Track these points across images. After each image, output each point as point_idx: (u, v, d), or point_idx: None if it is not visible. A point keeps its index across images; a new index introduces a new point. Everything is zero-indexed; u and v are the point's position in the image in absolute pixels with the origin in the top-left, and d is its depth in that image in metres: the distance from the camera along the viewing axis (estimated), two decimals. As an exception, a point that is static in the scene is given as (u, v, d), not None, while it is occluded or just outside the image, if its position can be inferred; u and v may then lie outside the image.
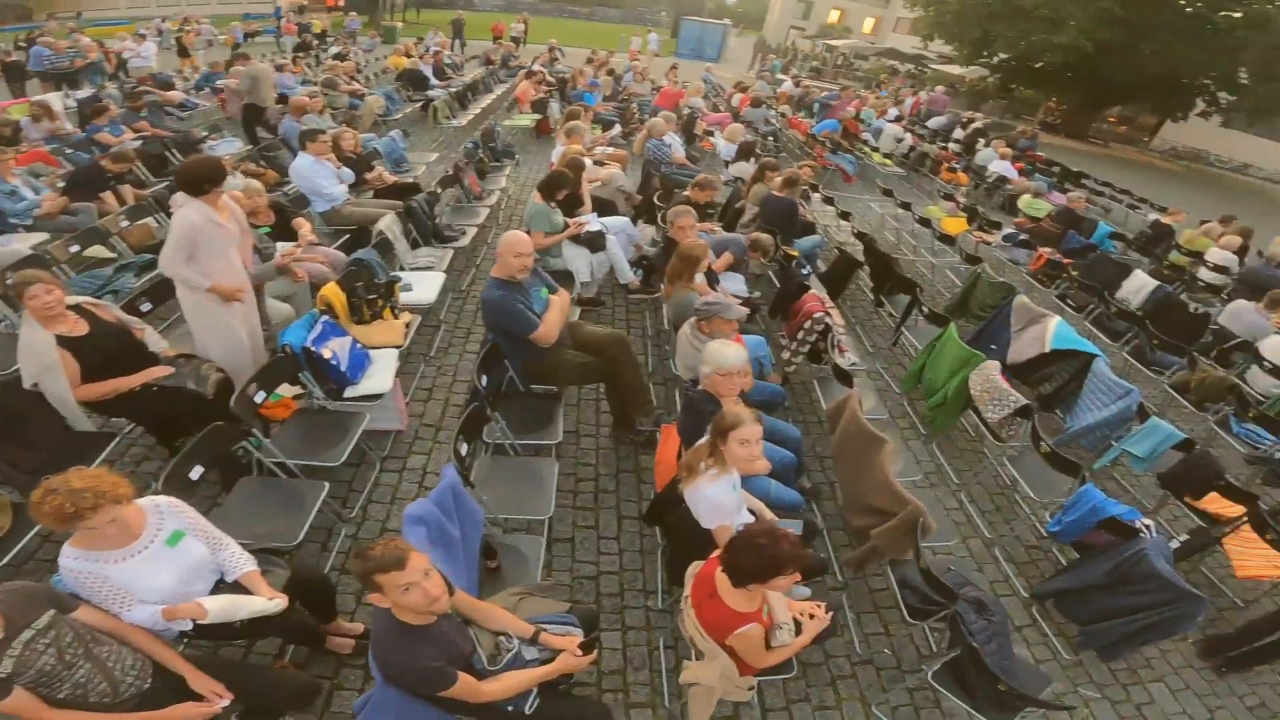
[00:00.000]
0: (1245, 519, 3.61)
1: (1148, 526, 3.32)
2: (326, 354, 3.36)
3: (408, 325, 4.12)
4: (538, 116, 10.01)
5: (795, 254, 5.50)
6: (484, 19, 24.38)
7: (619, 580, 3.23)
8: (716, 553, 2.24)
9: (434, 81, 11.32)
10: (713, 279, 4.82)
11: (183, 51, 14.30)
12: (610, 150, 7.68)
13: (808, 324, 4.46)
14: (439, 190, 5.97)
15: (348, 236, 4.97)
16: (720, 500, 2.52)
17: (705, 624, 2.19)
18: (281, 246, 4.27)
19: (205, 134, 7.50)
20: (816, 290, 5.21)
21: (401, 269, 4.91)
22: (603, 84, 12.04)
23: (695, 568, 2.37)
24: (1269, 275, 7.26)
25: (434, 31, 17.07)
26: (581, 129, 6.57)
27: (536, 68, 12.31)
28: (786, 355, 4.67)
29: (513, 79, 13.24)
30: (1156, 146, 25.36)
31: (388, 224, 5.04)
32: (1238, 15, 18.19)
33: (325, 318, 3.58)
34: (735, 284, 5.19)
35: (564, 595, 2.87)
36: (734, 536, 2.16)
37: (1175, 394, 5.14)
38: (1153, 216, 9.55)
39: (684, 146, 8.36)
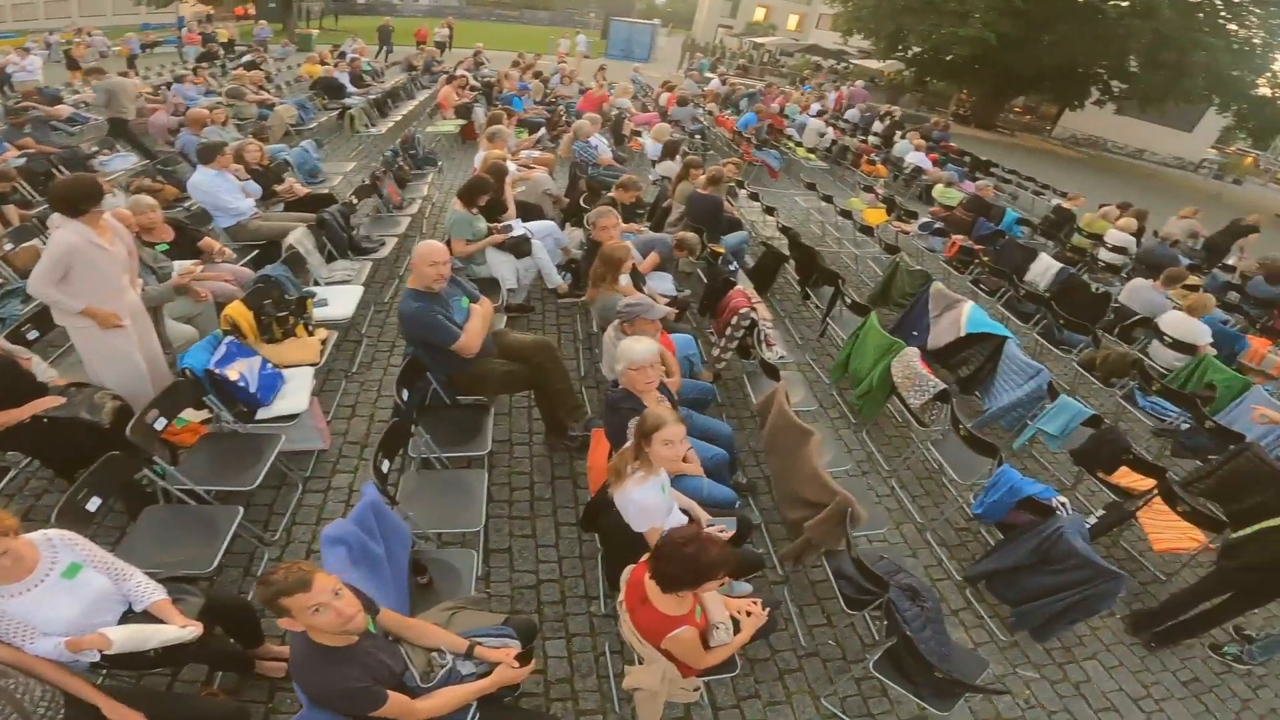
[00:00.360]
0: (1156, 492, 3.70)
1: (1063, 504, 3.43)
2: (233, 375, 3.22)
3: (324, 342, 3.97)
4: (462, 122, 9.80)
5: (721, 251, 5.56)
6: (409, 24, 23.74)
7: (560, 588, 3.20)
8: (646, 557, 2.23)
9: (351, 89, 10.94)
10: (639, 280, 4.82)
11: (72, 64, 13.40)
12: (536, 154, 7.60)
13: (734, 320, 4.51)
14: (355, 201, 5.77)
15: (256, 252, 4.73)
16: (648, 503, 2.51)
17: (639, 628, 2.19)
18: (179, 265, 4.02)
19: (95, 149, 6.99)
20: (744, 286, 5.28)
21: (316, 283, 4.72)
22: (534, 88, 11.91)
23: (628, 573, 2.36)
24: (1164, 254, 7.81)
25: (352, 38, 16.47)
26: (504, 133, 6.47)
27: (460, 72, 12.08)
28: (716, 352, 4.72)
29: (436, 85, 12.94)
30: (1058, 135, 27.03)
31: (299, 238, 4.82)
32: (1125, 4, 19.34)
33: (230, 338, 3.42)
34: (663, 283, 5.21)
35: (500, 607, 2.84)
36: (659, 544, 2.14)
37: (1084, 371, 5.40)
38: (1055, 202, 10.15)
39: (612, 148, 8.36)
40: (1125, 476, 3.99)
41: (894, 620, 2.68)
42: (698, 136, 11.39)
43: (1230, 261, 9.01)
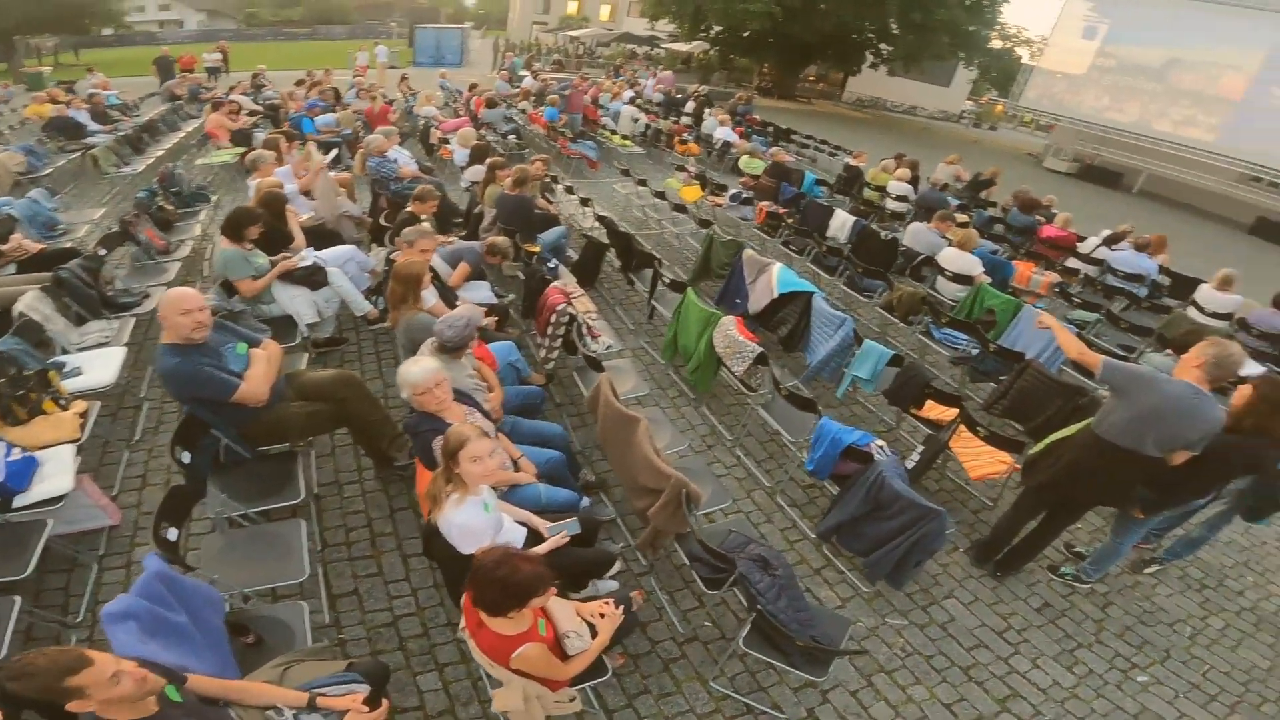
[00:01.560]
0: (960, 421, 3.87)
1: (881, 448, 3.57)
2: (-29, 470, 2.69)
3: (83, 415, 3.42)
4: (240, 150, 8.79)
5: (537, 250, 5.43)
6: (176, 53, 21.12)
7: (420, 620, 3.07)
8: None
9: (94, 127, 9.45)
10: (450, 295, 4.57)
11: None
12: (333, 175, 7.00)
13: (553, 317, 4.41)
14: (102, 252, 4.94)
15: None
16: (471, 524, 2.44)
17: (484, 652, 2.15)
18: None
19: None
20: (566, 281, 5.20)
21: (64, 351, 4.04)
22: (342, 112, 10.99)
23: (465, 599, 2.27)
24: (936, 198, 8.78)
25: (91, 71, 14.23)
26: (265, 157, 5.86)
27: (233, 97, 10.87)
28: (542, 353, 4.60)
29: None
30: (847, 99, 29.75)
31: (30, 303, 4.05)
32: None
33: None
34: (480, 292, 4.99)
35: (357, 650, 2.83)
36: (472, 571, 2.06)
37: (885, 313, 5.86)
38: (845, 160, 11.10)
39: (422, 158, 7.88)
40: (933, 410, 4.25)
41: (749, 595, 2.71)
42: (512, 137, 11.15)
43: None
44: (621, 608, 2.45)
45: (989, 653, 3.35)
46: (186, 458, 2.94)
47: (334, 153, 7.94)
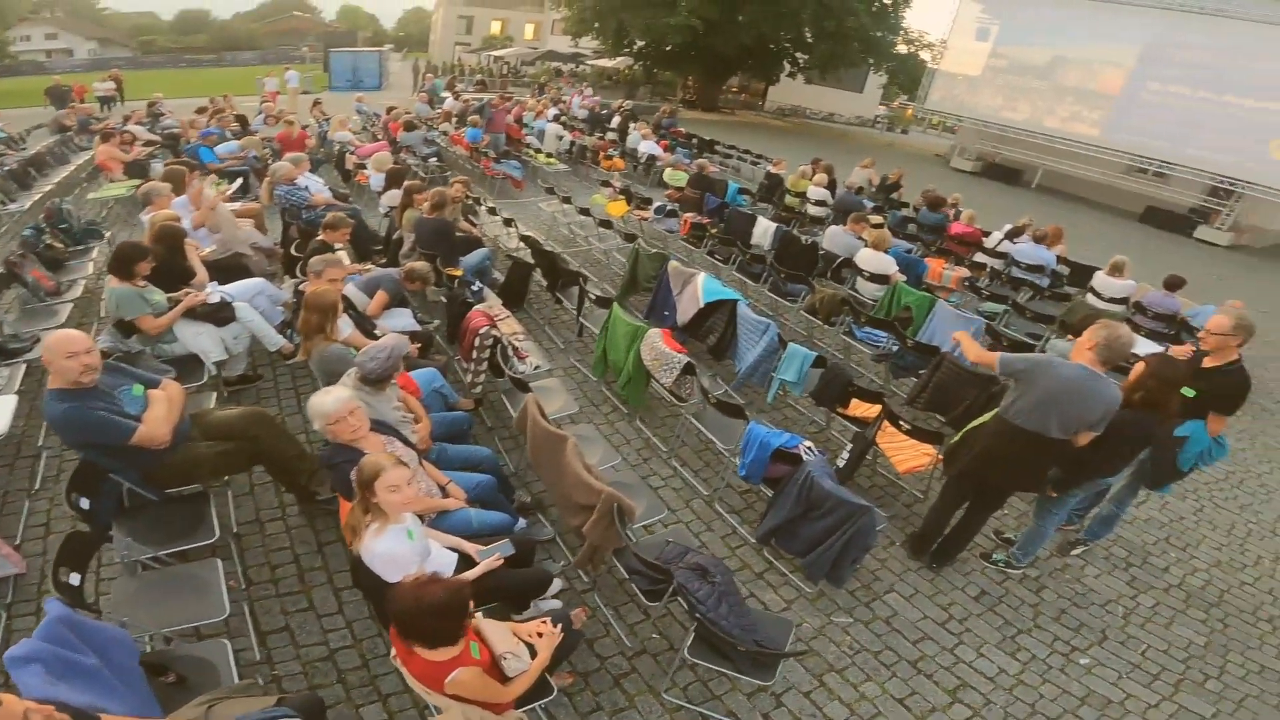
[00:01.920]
0: (883, 417, 3.97)
1: (810, 448, 3.63)
2: None
3: None
4: (136, 182, 8.29)
5: (459, 273, 5.32)
6: (69, 81, 19.88)
7: (358, 652, 3.00)
8: None
9: (-27, 162, 8.73)
10: (367, 324, 4.42)
11: None
12: (239, 205, 6.69)
13: (477, 341, 4.34)
14: (-23, 300, 4.56)
15: None
16: (394, 553, 2.43)
17: (417, 679, 2.13)
18: None
19: None
20: (490, 304, 5.12)
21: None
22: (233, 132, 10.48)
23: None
24: (851, 201, 9.12)
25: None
26: (160, 190, 5.55)
27: (127, 127, 10.27)
28: (469, 378, 4.51)
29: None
30: (769, 108, 30.68)
31: (-105, 361, 3.70)
32: None
33: None
34: (401, 320, 4.84)
35: (294, 685, 2.77)
36: (388, 605, 2.08)
37: (809, 316, 6.00)
38: (767, 169, 11.42)
39: (337, 185, 7.60)
40: (858, 408, 4.36)
41: (689, 603, 2.71)
42: (434, 159, 10.95)
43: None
44: (559, 626, 2.44)
45: (934, 644, 3.42)
46: (85, 504, 2.86)
47: (239, 182, 7.61)
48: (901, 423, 3.95)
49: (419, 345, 4.52)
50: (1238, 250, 15.27)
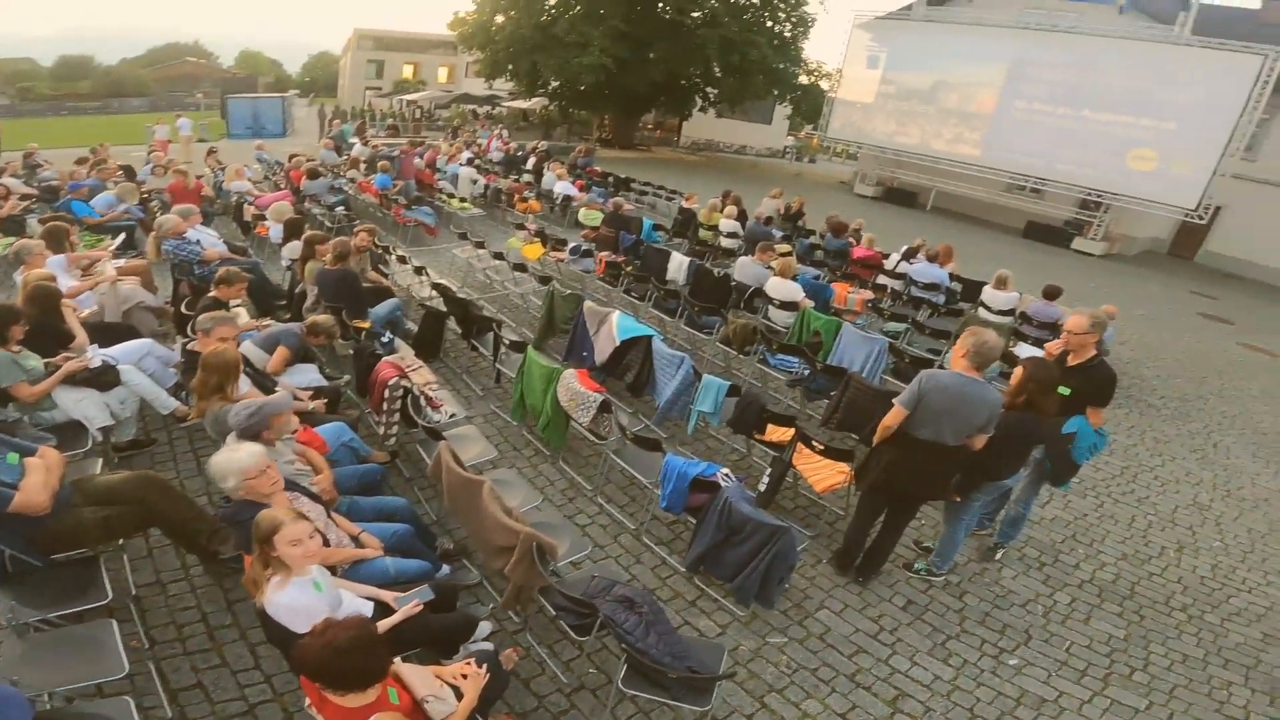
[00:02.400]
0: (797, 439, 4.09)
1: (727, 475, 3.71)
2: None
3: None
4: (10, 240, 7.65)
5: (367, 325, 5.17)
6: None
7: (280, 706, 2.93)
8: None
9: None
10: (267, 382, 4.21)
11: None
12: (123, 262, 6.29)
13: (386, 393, 4.22)
14: None
15: None
16: (299, 604, 2.40)
17: None
18: None
19: None
20: (403, 355, 4.98)
21: None
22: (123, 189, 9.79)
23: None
24: (761, 231, 9.47)
25: None
26: (32, 248, 5.16)
27: (1, 180, 9.47)
28: (382, 430, 4.36)
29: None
30: (683, 144, 31.72)
31: None
32: (697, 15, 22.96)
33: None
34: (306, 375, 4.65)
35: None
36: (294, 657, 2.09)
37: (724, 347, 6.13)
38: (679, 204, 11.75)
39: (235, 237, 7.21)
40: (774, 432, 4.49)
41: (617, 635, 2.73)
42: (341, 208, 10.62)
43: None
44: (485, 666, 2.42)
45: (869, 656, 3.51)
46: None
47: (121, 237, 7.15)
48: (815, 443, 4.09)
49: (325, 400, 4.37)
50: (1111, 259, 16.86)
